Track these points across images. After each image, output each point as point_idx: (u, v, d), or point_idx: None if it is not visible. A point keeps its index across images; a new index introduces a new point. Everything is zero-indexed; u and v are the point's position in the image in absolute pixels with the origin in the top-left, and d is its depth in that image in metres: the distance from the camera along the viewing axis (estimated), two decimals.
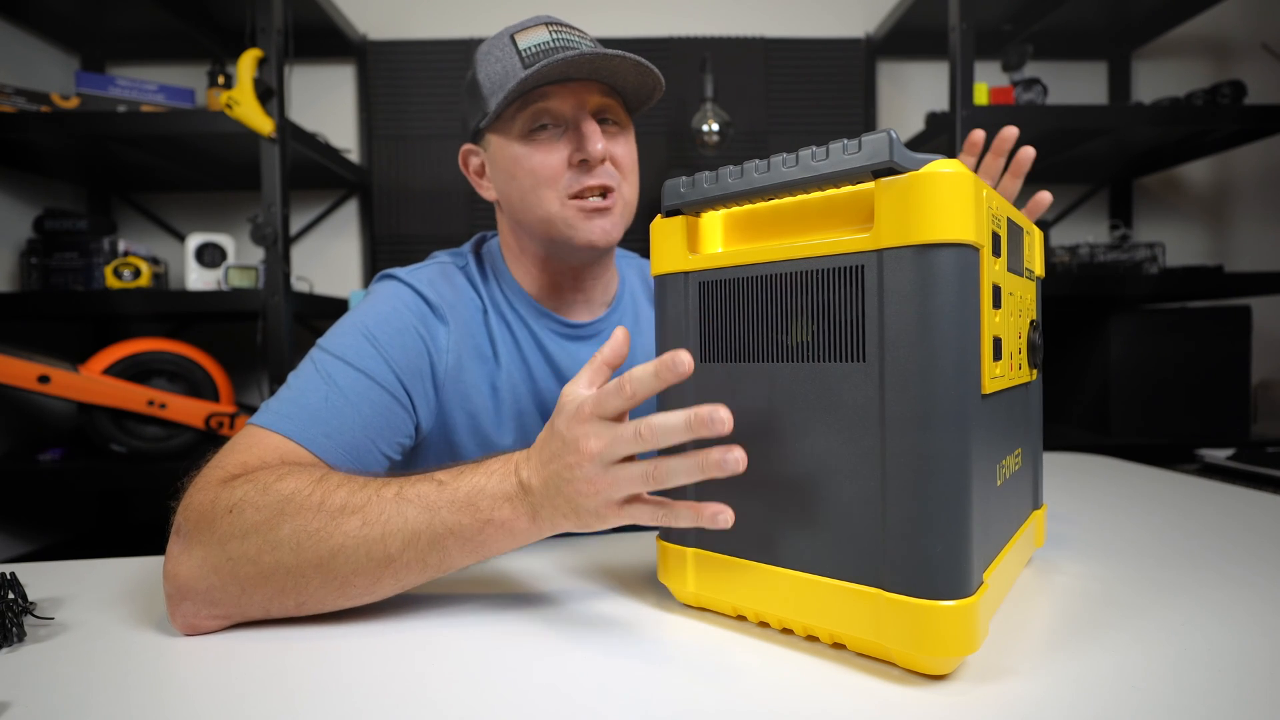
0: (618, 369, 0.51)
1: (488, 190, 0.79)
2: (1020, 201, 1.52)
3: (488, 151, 0.76)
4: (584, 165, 0.70)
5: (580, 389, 0.49)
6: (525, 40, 0.70)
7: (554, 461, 0.47)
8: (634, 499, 0.47)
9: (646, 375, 0.44)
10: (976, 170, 0.80)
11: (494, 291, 0.78)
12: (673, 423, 0.43)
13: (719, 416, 0.41)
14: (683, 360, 0.43)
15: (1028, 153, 0.76)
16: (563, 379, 0.78)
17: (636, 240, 1.26)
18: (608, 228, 0.72)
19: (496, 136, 0.73)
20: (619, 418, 0.46)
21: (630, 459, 0.46)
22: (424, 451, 0.74)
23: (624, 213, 0.74)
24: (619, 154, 0.73)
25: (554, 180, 0.70)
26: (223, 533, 0.49)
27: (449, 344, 0.72)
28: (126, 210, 1.95)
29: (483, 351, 0.75)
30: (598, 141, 0.69)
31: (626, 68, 0.68)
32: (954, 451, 0.39)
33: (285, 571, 0.49)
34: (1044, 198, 0.77)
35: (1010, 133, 0.77)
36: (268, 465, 0.55)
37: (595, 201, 0.71)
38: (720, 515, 0.43)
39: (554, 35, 0.70)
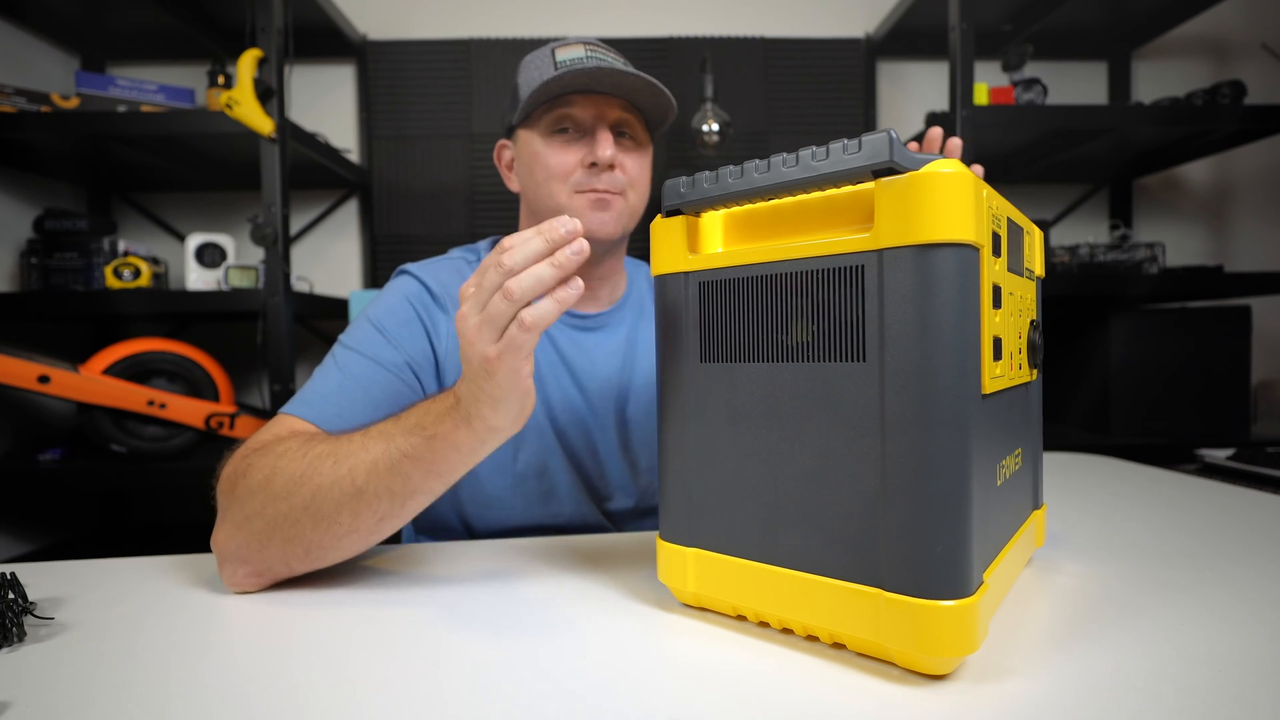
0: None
1: (513, 182, 0.85)
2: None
3: (516, 146, 0.83)
4: (594, 168, 0.76)
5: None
6: (563, 54, 0.77)
7: (462, 357, 0.50)
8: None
9: (527, 234, 0.47)
10: None
11: None
12: (525, 236, 0.46)
13: (567, 223, 0.45)
14: (566, 221, 0.46)
15: (955, 143, 0.78)
16: (568, 366, 0.82)
17: (638, 241, 1.25)
18: (607, 220, 0.77)
19: (525, 132, 0.80)
20: None
21: None
22: None
23: (625, 213, 0.79)
24: (628, 164, 0.79)
25: (565, 176, 0.77)
26: (240, 494, 0.56)
27: (449, 330, 0.77)
28: (126, 210, 1.95)
29: None
30: (608, 148, 0.75)
31: (641, 86, 0.75)
32: (954, 451, 0.39)
33: (283, 518, 0.54)
34: (954, 143, 0.79)
35: (936, 132, 0.79)
36: (280, 438, 0.61)
37: (599, 195, 0.77)
38: (571, 246, 0.45)
39: (588, 53, 0.77)
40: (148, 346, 1.51)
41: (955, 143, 0.77)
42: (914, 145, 0.80)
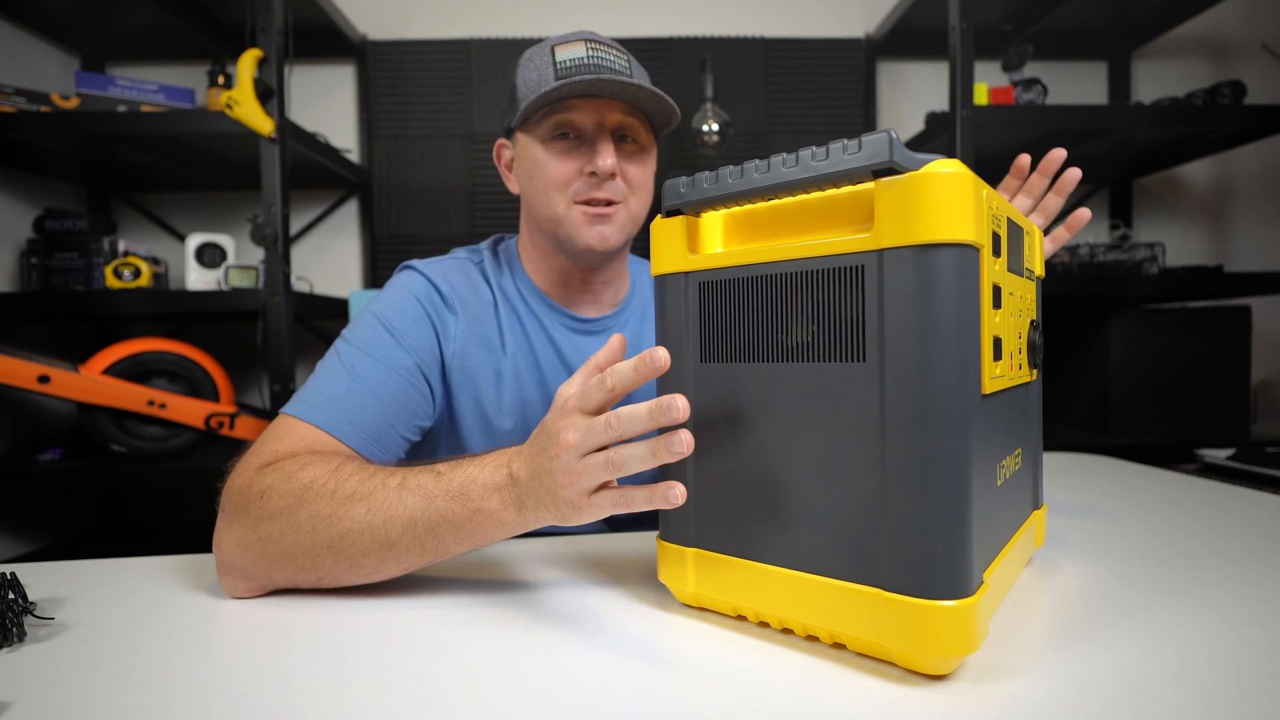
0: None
1: (512, 183, 0.84)
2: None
3: (516, 149, 0.81)
4: (594, 177, 0.74)
5: (571, 388, 0.52)
6: (563, 53, 0.74)
7: (540, 455, 0.49)
8: (602, 489, 0.48)
9: (626, 369, 0.46)
10: (1020, 187, 0.80)
11: (506, 285, 0.82)
12: (637, 412, 0.45)
13: (676, 404, 0.44)
14: (660, 356, 0.45)
15: (1074, 173, 0.76)
16: (570, 369, 0.81)
17: (639, 242, 1.25)
18: (607, 234, 0.76)
19: (524, 136, 0.78)
20: (600, 412, 0.48)
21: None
22: (434, 434, 0.78)
23: (626, 223, 0.78)
24: (630, 171, 0.77)
25: (565, 186, 0.75)
26: (255, 515, 0.55)
27: (457, 332, 0.76)
28: (126, 210, 1.95)
29: (490, 341, 0.79)
30: (608, 158, 0.73)
31: (645, 94, 0.73)
32: (954, 451, 0.39)
33: (303, 551, 0.54)
34: (1083, 214, 0.77)
35: (1058, 154, 0.76)
36: (295, 454, 0.60)
37: (599, 207, 0.75)
38: (672, 493, 0.45)
39: (590, 52, 0.74)
40: (148, 346, 1.51)
41: (1074, 173, 0.75)
42: (1040, 180, 0.78)
